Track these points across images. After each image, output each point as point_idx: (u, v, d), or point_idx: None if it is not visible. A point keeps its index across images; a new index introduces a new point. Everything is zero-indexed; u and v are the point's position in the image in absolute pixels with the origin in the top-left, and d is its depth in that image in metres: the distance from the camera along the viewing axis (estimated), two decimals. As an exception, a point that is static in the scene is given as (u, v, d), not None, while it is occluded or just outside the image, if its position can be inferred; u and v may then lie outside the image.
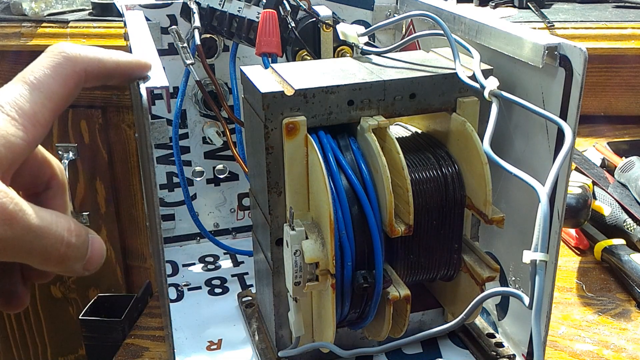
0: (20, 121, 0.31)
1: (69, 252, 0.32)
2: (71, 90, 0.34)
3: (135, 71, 0.40)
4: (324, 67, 0.55)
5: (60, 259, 0.32)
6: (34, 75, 0.33)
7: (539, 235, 0.39)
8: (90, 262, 0.34)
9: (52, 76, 0.33)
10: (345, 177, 0.51)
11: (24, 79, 0.33)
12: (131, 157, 1.09)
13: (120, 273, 1.16)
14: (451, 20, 0.60)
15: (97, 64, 0.36)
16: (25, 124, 0.31)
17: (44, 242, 0.31)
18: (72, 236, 0.33)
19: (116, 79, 0.38)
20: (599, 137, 1.04)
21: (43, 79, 0.33)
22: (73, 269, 0.33)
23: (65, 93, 0.34)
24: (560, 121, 0.44)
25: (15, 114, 0.31)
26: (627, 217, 0.79)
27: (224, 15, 0.66)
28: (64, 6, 1.11)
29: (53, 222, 0.32)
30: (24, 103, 0.32)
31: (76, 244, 0.33)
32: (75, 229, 0.33)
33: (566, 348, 0.64)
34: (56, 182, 0.37)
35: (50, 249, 0.32)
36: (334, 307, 0.51)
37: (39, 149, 0.36)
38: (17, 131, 0.31)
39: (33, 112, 0.32)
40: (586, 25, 1.07)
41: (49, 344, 1.26)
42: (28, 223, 0.30)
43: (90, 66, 0.35)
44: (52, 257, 0.32)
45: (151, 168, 0.44)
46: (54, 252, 0.32)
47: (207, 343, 0.64)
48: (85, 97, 1.04)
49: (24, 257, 0.31)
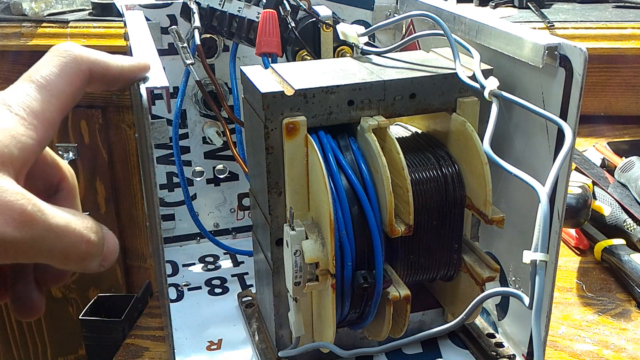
0: (30, 120, 0.31)
1: (90, 250, 0.32)
2: (77, 89, 0.34)
3: (136, 74, 0.40)
4: (324, 67, 0.55)
5: (81, 257, 0.32)
6: (41, 74, 0.33)
7: (539, 235, 0.39)
8: (105, 258, 0.34)
9: (59, 75, 0.33)
10: (345, 177, 0.51)
11: (30, 79, 0.32)
12: (131, 157, 1.09)
13: (120, 273, 1.16)
14: (451, 20, 0.60)
15: (102, 65, 0.35)
16: (35, 123, 0.31)
17: (65, 242, 0.31)
18: (91, 233, 0.32)
19: (119, 84, 0.38)
20: (599, 137, 1.04)
21: (50, 78, 0.33)
22: (91, 266, 0.33)
23: (72, 92, 0.34)
24: (560, 121, 0.44)
25: (24, 113, 0.31)
26: (627, 217, 0.79)
27: (224, 15, 0.66)
28: (64, 6, 1.11)
29: (72, 221, 0.31)
30: (32, 102, 0.31)
31: (95, 240, 0.33)
32: (93, 226, 0.33)
33: (566, 348, 0.64)
34: (66, 184, 0.37)
35: (72, 248, 0.31)
36: (334, 307, 0.51)
37: (47, 151, 0.36)
38: (27, 131, 0.31)
39: (42, 111, 0.32)
40: (586, 25, 1.07)
41: (49, 344, 1.26)
42: (48, 223, 0.30)
43: (95, 67, 0.35)
44: (73, 256, 0.32)
45: (151, 168, 0.44)
46: (76, 251, 0.32)
47: (207, 343, 0.64)
48: (85, 97, 1.02)
49: (46, 257, 0.31)
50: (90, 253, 0.32)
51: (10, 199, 0.29)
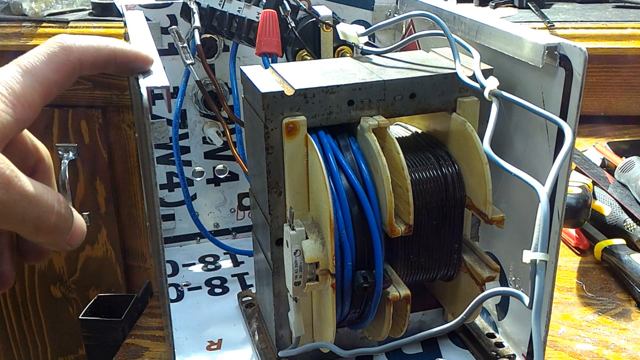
0: (10, 99, 0.33)
1: (59, 223, 0.34)
2: (63, 78, 0.36)
3: (135, 62, 0.41)
4: (324, 67, 0.55)
5: (50, 228, 0.34)
6: (28, 60, 0.35)
7: (539, 235, 0.39)
8: (72, 238, 0.36)
9: (46, 62, 0.35)
10: (345, 177, 0.51)
11: (18, 63, 0.34)
12: (131, 157, 1.09)
13: (120, 273, 1.16)
14: (451, 20, 0.60)
15: (92, 52, 0.37)
16: (15, 102, 0.33)
17: (37, 210, 0.33)
18: (62, 207, 0.34)
19: (113, 67, 0.39)
20: (599, 137, 1.04)
21: (36, 64, 0.35)
22: (59, 242, 0.35)
23: (57, 80, 0.35)
24: (560, 121, 0.44)
25: (5, 92, 0.33)
26: (627, 217, 0.79)
27: (224, 15, 0.66)
28: (64, 6, 1.11)
29: (45, 192, 0.33)
30: (14, 84, 0.33)
31: (65, 214, 0.35)
32: (63, 202, 0.35)
33: (566, 348, 0.64)
34: (42, 165, 0.39)
35: (43, 217, 0.33)
36: (334, 307, 0.51)
37: (27, 135, 0.38)
38: (6, 108, 0.32)
39: (23, 94, 0.33)
40: (586, 25, 1.07)
41: (49, 344, 1.26)
42: (23, 189, 0.32)
43: (84, 55, 0.37)
44: (43, 226, 0.33)
45: (151, 168, 0.44)
46: (46, 221, 0.33)
47: (207, 343, 0.64)
48: (85, 97, 1.04)
49: (17, 224, 0.33)
50: (58, 226, 0.34)
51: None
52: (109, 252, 1.15)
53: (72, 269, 1.18)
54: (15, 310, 1.23)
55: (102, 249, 1.15)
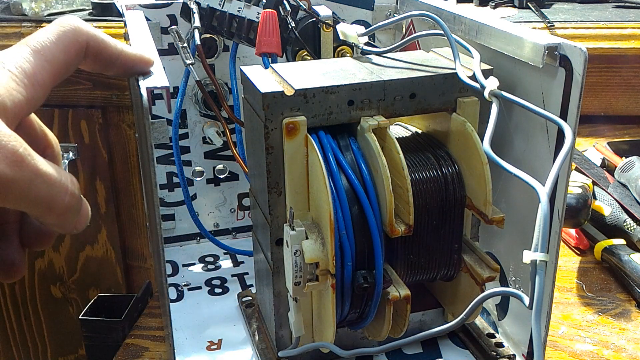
0: (21, 78, 0.33)
1: (71, 203, 0.33)
2: (71, 58, 0.36)
3: (137, 65, 0.41)
4: (324, 67, 0.55)
5: (63, 209, 0.33)
6: (37, 40, 0.34)
7: (539, 235, 0.39)
8: (79, 220, 0.35)
9: (55, 42, 0.35)
10: (345, 177, 0.51)
11: (27, 43, 0.34)
12: (131, 157, 1.09)
13: (120, 273, 1.16)
14: (451, 20, 0.60)
15: (100, 42, 0.37)
16: (25, 82, 0.33)
17: (51, 190, 0.32)
18: (75, 188, 0.34)
19: (117, 68, 0.39)
20: (599, 137, 1.04)
21: (45, 44, 0.34)
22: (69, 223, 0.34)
23: (66, 60, 0.35)
24: (560, 121, 0.44)
25: (16, 71, 0.33)
26: (627, 217, 0.79)
27: (224, 15, 0.66)
28: (64, 6, 1.11)
29: (57, 172, 0.33)
30: (24, 63, 0.33)
31: (77, 194, 0.34)
32: (75, 182, 0.34)
33: (566, 348, 0.64)
34: (51, 151, 0.38)
35: (56, 197, 0.32)
36: (334, 307, 0.51)
37: (36, 120, 0.37)
38: (18, 87, 0.32)
39: (33, 73, 0.33)
40: (586, 25, 1.07)
41: (49, 344, 1.26)
42: (37, 167, 0.31)
43: (92, 41, 0.37)
44: (56, 206, 0.33)
45: (151, 168, 0.44)
46: (59, 201, 0.33)
47: (207, 343, 0.64)
48: (85, 97, 1.04)
49: (30, 203, 0.32)
50: (71, 206, 0.34)
51: (4, 139, 0.30)
52: (109, 252, 1.15)
53: (72, 269, 1.18)
54: (15, 310, 1.23)
55: (102, 249, 1.15)
